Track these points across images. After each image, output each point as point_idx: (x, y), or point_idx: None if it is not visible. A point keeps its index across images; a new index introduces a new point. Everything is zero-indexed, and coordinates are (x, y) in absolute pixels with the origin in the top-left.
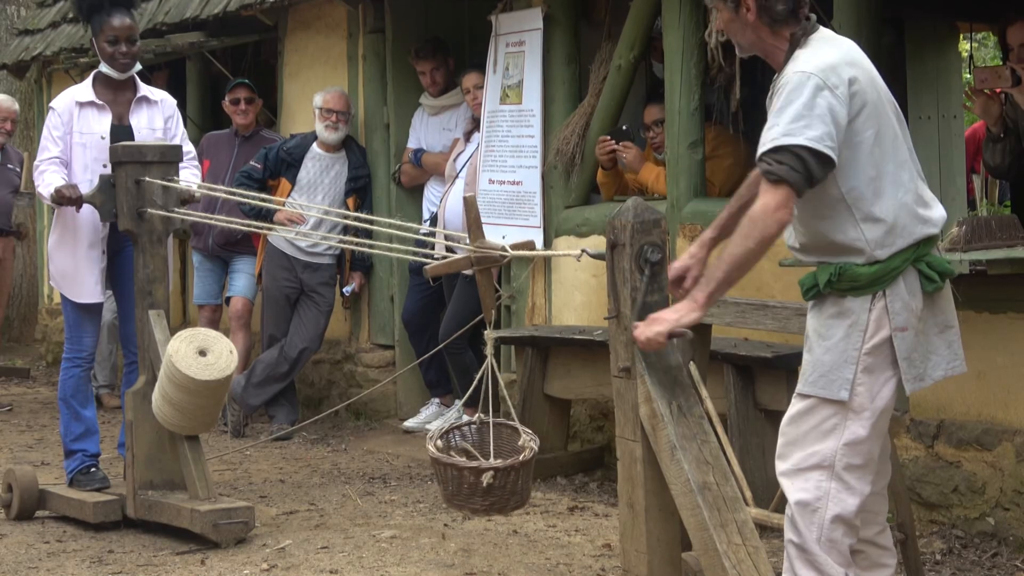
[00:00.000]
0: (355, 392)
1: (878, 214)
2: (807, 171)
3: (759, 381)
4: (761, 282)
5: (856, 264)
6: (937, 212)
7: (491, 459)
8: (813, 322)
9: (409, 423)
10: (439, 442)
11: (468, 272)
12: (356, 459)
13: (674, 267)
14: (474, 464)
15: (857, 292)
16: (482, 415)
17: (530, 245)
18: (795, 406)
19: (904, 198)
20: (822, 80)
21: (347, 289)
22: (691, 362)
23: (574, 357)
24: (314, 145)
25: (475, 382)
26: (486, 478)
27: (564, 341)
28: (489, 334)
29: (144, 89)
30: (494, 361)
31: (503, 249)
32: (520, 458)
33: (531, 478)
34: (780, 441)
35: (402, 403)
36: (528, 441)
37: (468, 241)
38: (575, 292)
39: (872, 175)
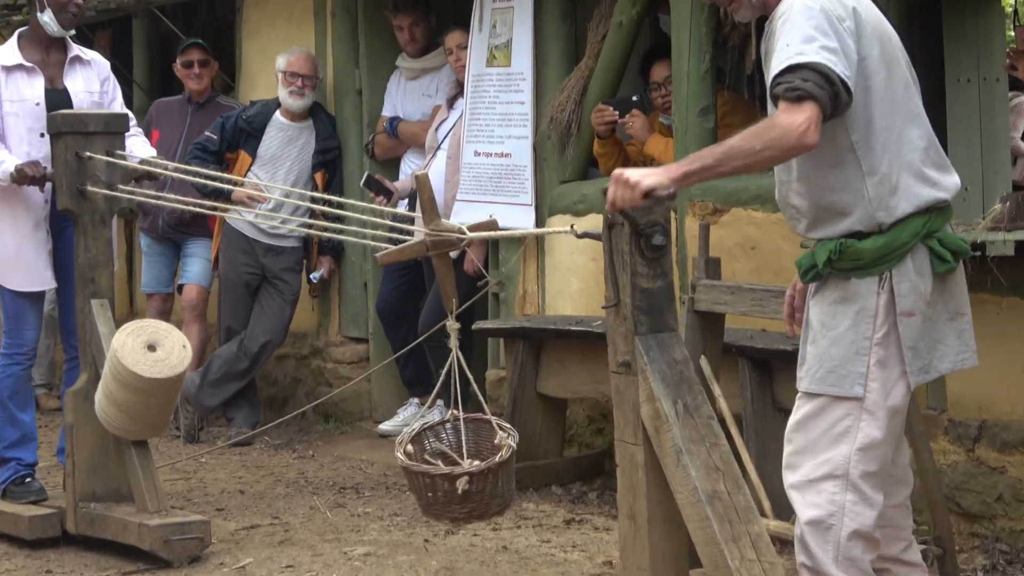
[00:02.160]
0: (324, 391)
1: (882, 169)
2: (833, 91)
3: (778, 377)
4: (780, 266)
5: (860, 235)
6: (950, 179)
7: (465, 462)
8: (815, 310)
9: (385, 426)
10: (411, 447)
11: (453, 254)
12: (325, 467)
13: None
14: (446, 471)
15: (862, 272)
16: (455, 412)
17: (491, 225)
18: (801, 408)
19: (910, 156)
20: (828, 8)
21: (315, 275)
22: (701, 356)
23: (570, 351)
24: (277, 113)
25: (441, 377)
26: (461, 484)
27: (559, 333)
28: (452, 324)
29: (76, 48)
30: (460, 354)
31: (460, 231)
32: (496, 459)
33: (512, 477)
34: (787, 450)
35: (377, 404)
36: (505, 439)
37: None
38: (571, 278)
39: (882, 125)
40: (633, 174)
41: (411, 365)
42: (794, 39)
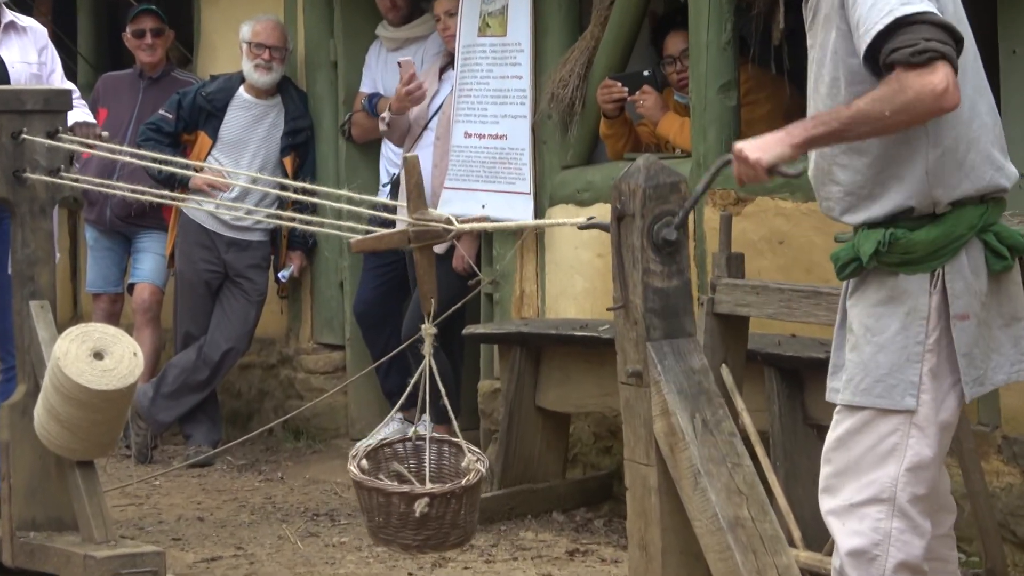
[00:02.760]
0: (294, 405)
1: (947, 142)
2: (957, 45)
3: (810, 389)
4: (811, 262)
5: (911, 219)
6: (1010, 166)
7: (427, 484)
8: (856, 311)
9: (364, 444)
10: (365, 462)
11: (438, 249)
12: (296, 490)
13: None
14: (404, 489)
15: (912, 268)
16: (418, 430)
17: (481, 219)
18: (842, 423)
19: (979, 132)
20: None
21: (283, 273)
22: (722, 364)
23: (574, 359)
24: (240, 90)
25: (408, 388)
26: (420, 506)
27: (561, 339)
28: (428, 329)
29: (9, 14)
30: (432, 362)
31: (447, 222)
32: (463, 483)
33: (477, 508)
34: (825, 471)
35: (355, 419)
36: (473, 463)
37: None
38: (575, 276)
39: None
40: (749, 149)
41: (393, 375)
42: None
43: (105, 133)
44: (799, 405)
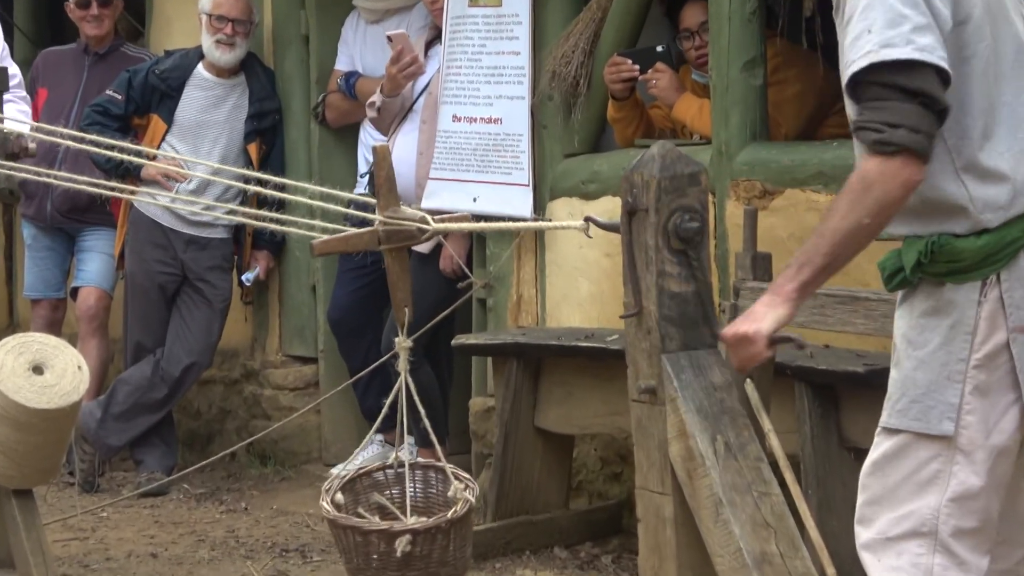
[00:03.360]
0: (260, 426)
1: (988, 163)
2: (934, 103)
3: (846, 407)
4: (850, 263)
5: (956, 234)
6: None
7: (409, 518)
8: (902, 323)
9: (339, 470)
10: (341, 496)
11: (423, 248)
12: (262, 523)
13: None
14: (383, 527)
15: (960, 277)
16: (400, 455)
17: (461, 219)
18: (879, 447)
19: None
20: None
21: (248, 276)
22: (747, 379)
23: (578, 374)
24: (199, 67)
25: (384, 408)
26: (402, 544)
27: (564, 350)
28: (402, 342)
29: None
30: (409, 379)
31: (422, 220)
32: (449, 515)
33: (469, 541)
34: (860, 499)
35: (329, 442)
36: (461, 491)
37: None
38: (580, 279)
39: (983, 106)
40: (744, 327)
41: (373, 392)
42: (876, 20)
43: (32, 145)
44: (834, 425)
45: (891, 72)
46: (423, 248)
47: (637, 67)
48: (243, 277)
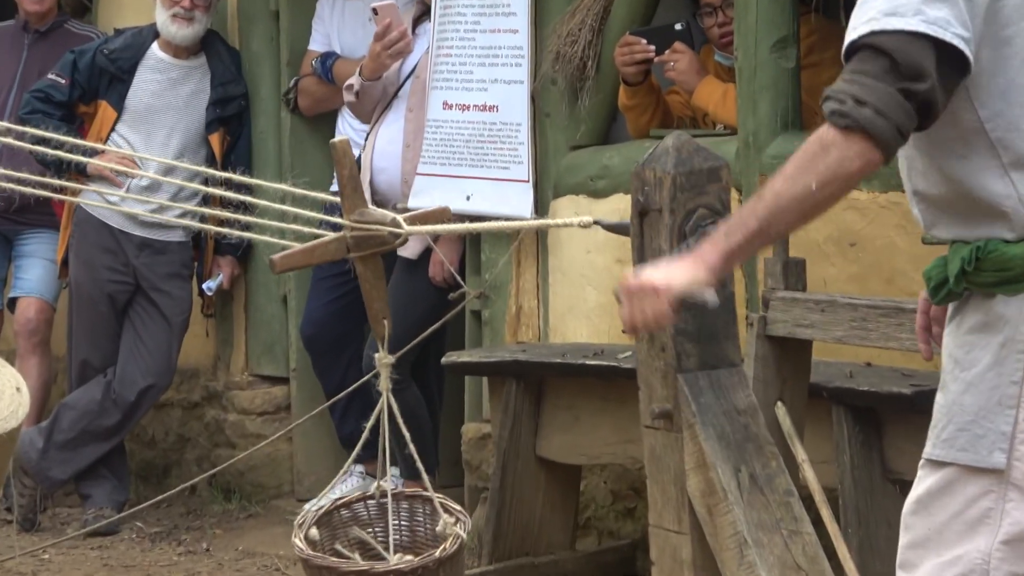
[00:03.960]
0: (223, 456)
1: None
2: (911, 105)
3: (890, 433)
4: (893, 270)
5: (1006, 240)
6: None
7: (392, 556)
8: (949, 340)
9: (314, 503)
10: (316, 531)
11: (409, 254)
12: (226, 566)
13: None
14: (363, 567)
15: (1011, 288)
16: (383, 484)
17: (442, 215)
18: (923, 481)
19: None
20: None
21: (210, 284)
22: (777, 402)
23: (586, 396)
24: (154, 47)
25: (365, 432)
26: None
27: (569, 369)
28: (383, 358)
29: None
30: (391, 399)
31: (394, 223)
32: (437, 553)
33: None
34: (903, 541)
35: (302, 473)
36: (451, 525)
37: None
38: (587, 288)
39: None
40: (650, 276)
41: (352, 416)
42: None
43: None
44: (877, 454)
45: (888, 42)
46: (409, 253)
47: (652, 47)
48: (204, 286)
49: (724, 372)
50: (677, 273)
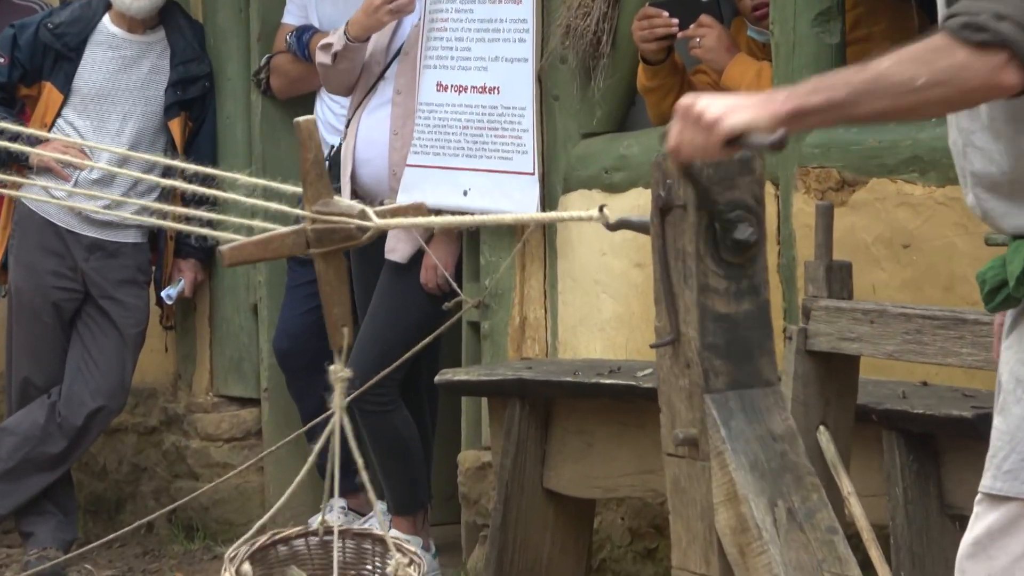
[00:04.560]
0: (185, 488)
1: None
2: None
3: (949, 462)
4: (952, 274)
5: None
6: None
7: None
8: (1008, 355)
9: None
10: (248, 566)
11: (398, 257)
12: None
13: None
14: None
15: None
16: (327, 519)
17: (417, 210)
18: (982, 519)
19: None
20: None
21: (170, 292)
22: (819, 427)
23: (601, 420)
24: (105, 20)
25: (311, 457)
26: None
27: (581, 389)
28: (338, 370)
29: None
30: (346, 419)
31: (362, 215)
32: None
33: None
34: None
35: (276, 507)
36: (403, 567)
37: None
38: (602, 296)
39: None
40: (711, 105)
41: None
42: None
43: None
44: (934, 487)
45: None
46: (398, 257)
47: (676, 21)
48: (163, 293)
49: (758, 392)
50: (739, 109)
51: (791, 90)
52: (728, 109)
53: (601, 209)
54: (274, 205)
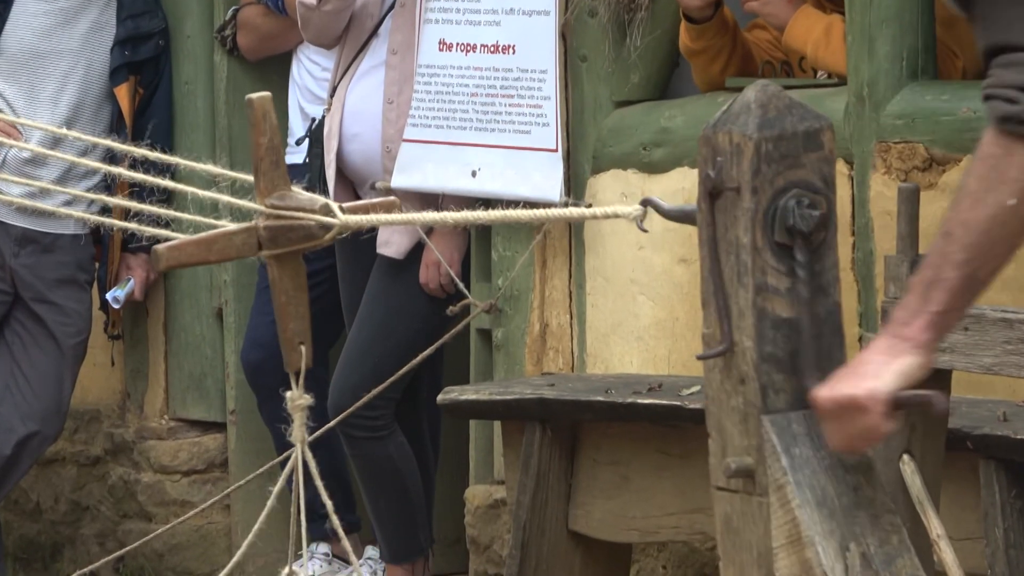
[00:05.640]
0: (135, 531)
1: None
2: None
3: None
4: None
5: None
6: None
7: None
8: None
9: None
10: None
11: (392, 252)
12: None
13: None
14: None
15: None
16: (295, 569)
17: (389, 205)
18: None
19: None
20: None
21: (117, 294)
22: (903, 455)
23: (638, 447)
24: None
25: (275, 490)
26: None
27: (614, 411)
28: (296, 398)
29: None
30: (306, 454)
31: (325, 211)
32: None
33: None
34: None
35: (245, 554)
36: None
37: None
38: (639, 298)
39: None
40: (850, 388)
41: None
42: None
43: None
44: None
45: None
46: (393, 252)
47: None
48: (109, 296)
49: None
50: (877, 372)
51: (908, 309)
52: (868, 378)
53: (645, 206)
54: (224, 197)
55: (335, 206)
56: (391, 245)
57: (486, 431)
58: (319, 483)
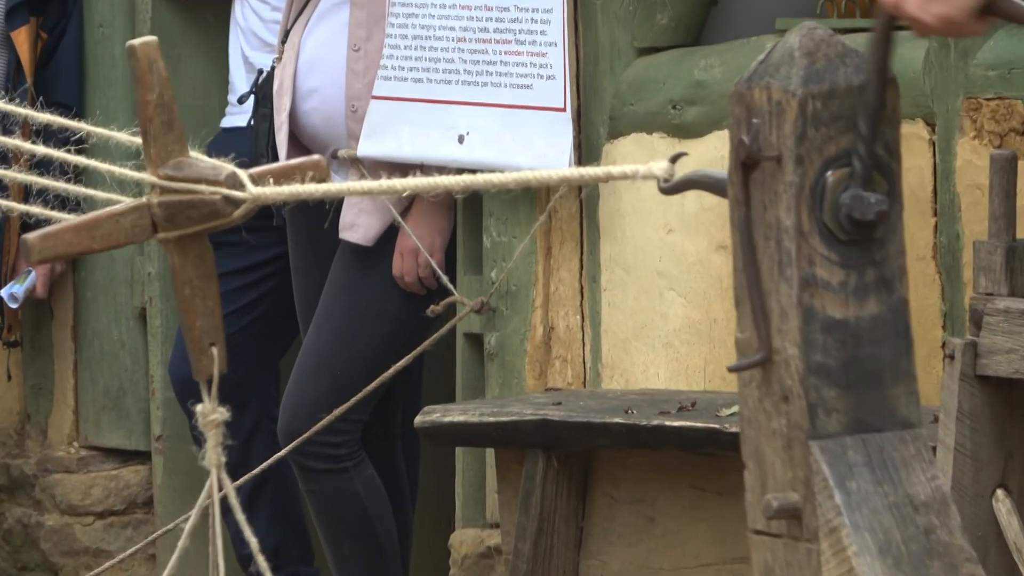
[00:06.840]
0: None
1: None
2: None
3: None
4: None
5: None
6: None
7: None
8: None
9: None
10: None
11: (359, 237)
12: None
13: None
14: None
15: None
16: None
17: (316, 167)
18: None
19: None
20: None
21: (15, 290)
22: (997, 491)
23: (665, 481)
24: None
25: (188, 527)
26: None
27: (636, 436)
28: (209, 412)
29: None
30: (224, 482)
31: (232, 181)
32: None
33: None
34: None
35: None
36: None
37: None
38: (666, 294)
39: None
40: None
41: (261, 518)
42: None
43: None
44: None
45: None
46: (359, 237)
47: None
48: (3, 293)
49: (891, 438)
50: None
51: None
52: None
53: (674, 160)
54: (118, 169)
55: (243, 174)
56: (357, 228)
57: (476, 462)
58: (240, 516)
